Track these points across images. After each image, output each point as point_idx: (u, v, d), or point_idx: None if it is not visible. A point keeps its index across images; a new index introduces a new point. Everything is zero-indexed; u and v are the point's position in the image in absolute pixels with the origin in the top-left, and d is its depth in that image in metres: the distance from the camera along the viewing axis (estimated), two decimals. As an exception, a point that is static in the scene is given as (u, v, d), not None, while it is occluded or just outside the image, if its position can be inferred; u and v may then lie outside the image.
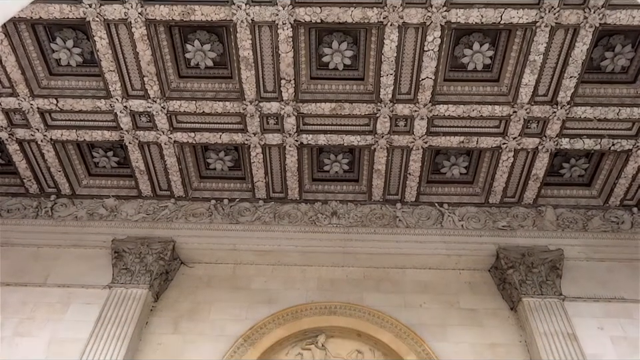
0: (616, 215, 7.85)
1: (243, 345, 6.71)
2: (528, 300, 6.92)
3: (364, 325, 6.98)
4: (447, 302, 7.27)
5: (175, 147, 7.55)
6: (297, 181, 7.91)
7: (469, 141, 7.31)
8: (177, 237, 7.68)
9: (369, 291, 7.40)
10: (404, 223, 7.87)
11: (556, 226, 7.77)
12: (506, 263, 7.31)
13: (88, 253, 7.62)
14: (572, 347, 6.40)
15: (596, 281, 7.26)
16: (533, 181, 7.70)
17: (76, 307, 6.96)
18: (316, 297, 7.32)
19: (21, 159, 7.74)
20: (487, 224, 7.83)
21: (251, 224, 7.89)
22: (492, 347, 6.73)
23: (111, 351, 6.33)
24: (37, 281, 7.27)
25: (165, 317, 7.11)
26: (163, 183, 8.02)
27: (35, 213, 7.97)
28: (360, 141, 7.37)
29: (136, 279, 7.16)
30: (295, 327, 6.96)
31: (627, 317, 6.82)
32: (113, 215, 7.96)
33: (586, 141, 7.23)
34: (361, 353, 6.87)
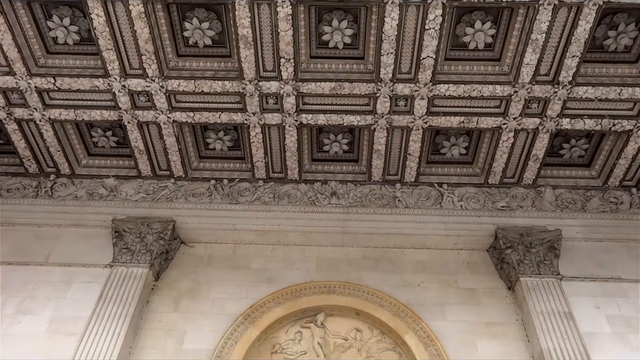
0: (615, 196, 7.86)
1: (243, 323, 6.79)
2: (525, 279, 6.98)
3: (363, 304, 7.05)
4: (445, 281, 7.33)
5: (174, 127, 7.52)
6: (297, 161, 7.90)
7: (469, 121, 7.27)
8: (176, 217, 7.72)
9: (367, 271, 7.46)
10: (403, 203, 7.89)
11: (555, 206, 7.80)
12: (504, 243, 7.35)
13: (88, 233, 7.67)
14: (568, 326, 6.48)
15: (594, 261, 7.32)
16: (532, 161, 7.69)
17: (77, 285, 7.02)
18: (315, 277, 7.38)
19: (19, 138, 7.72)
20: (486, 204, 7.85)
21: (251, 204, 7.91)
22: (489, 325, 6.81)
23: (113, 328, 6.41)
24: (38, 260, 7.32)
25: (166, 295, 7.18)
26: (163, 162, 8.01)
27: (35, 192, 7.99)
28: (360, 120, 7.34)
29: (136, 259, 7.21)
30: (294, 306, 7.03)
31: (623, 296, 6.89)
32: (112, 194, 7.98)
33: (587, 121, 7.20)
34: (360, 331, 6.96)
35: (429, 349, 6.52)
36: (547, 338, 6.37)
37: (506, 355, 6.49)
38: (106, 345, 6.23)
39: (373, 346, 6.82)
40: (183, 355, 6.49)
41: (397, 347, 6.77)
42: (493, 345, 6.59)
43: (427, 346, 6.55)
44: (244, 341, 6.61)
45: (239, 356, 6.47)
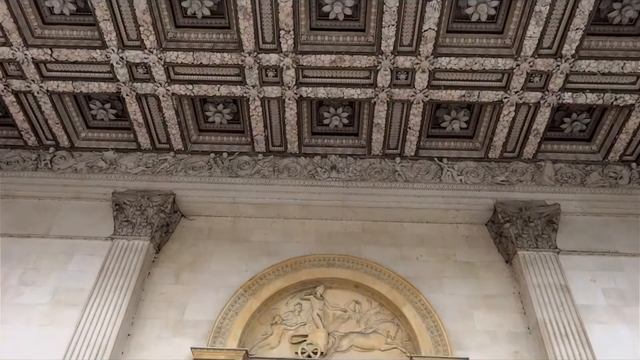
0: (614, 170, 7.87)
1: (243, 295, 6.87)
2: (523, 253, 7.05)
3: (362, 276, 7.13)
4: (443, 255, 7.40)
5: (172, 100, 7.47)
6: (297, 134, 7.87)
7: (470, 94, 7.22)
8: (176, 190, 7.73)
9: (367, 244, 7.52)
10: (403, 177, 7.90)
11: (554, 181, 7.81)
12: (503, 217, 7.40)
13: (89, 205, 7.70)
14: (564, 298, 6.57)
15: (591, 235, 7.38)
16: (533, 135, 7.67)
17: (79, 257, 7.09)
18: (315, 250, 7.44)
19: (17, 110, 7.67)
20: (485, 178, 7.86)
21: (251, 177, 7.92)
22: (486, 298, 6.91)
23: (115, 299, 6.49)
24: (39, 232, 7.37)
25: (167, 268, 7.25)
26: (162, 136, 7.98)
27: (35, 165, 7.99)
28: (360, 94, 7.28)
29: (137, 231, 7.26)
30: (294, 278, 7.11)
31: (619, 269, 6.97)
32: (112, 167, 7.98)
33: (589, 95, 7.14)
34: (359, 304, 7.05)
35: (426, 321, 6.62)
36: (543, 310, 6.46)
37: (502, 326, 6.60)
38: (109, 316, 6.33)
39: (372, 317, 6.92)
40: (185, 325, 6.59)
41: (395, 319, 6.88)
42: (490, 317, 6.69)
43: (425, 318, 6.65)
44: (244, 312, 6.71)
45: (239, 327, 6.57)
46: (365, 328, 6.80)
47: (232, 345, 6.37)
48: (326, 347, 6.55)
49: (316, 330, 6.68)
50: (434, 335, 6.49)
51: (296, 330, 6.78)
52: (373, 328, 6.80)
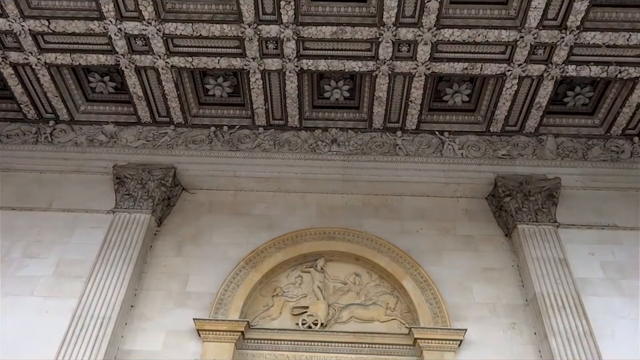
0: (616, 144, 7.84)
1: (244, 268, 6.94)
2: (523, 227, 7.08)
3: (362, 249, 7.19)
4: (443, 228, 7.44)
5: (172, 72, 7.39)
6: (297, 107, 7.82)
7: (473, 67, 7.13)
8: (177, 164, 7.73)
9: (367, 218, 7.56)
10: (404, 151, 7.88)
11: (556, 155, 7.79)
12: (503, 191, 7.40)
13: (90, 179, 7.72)
14: (562, 271, 6.63)
15: (591, 209, 7.40)
16: (535, 109, 7.61)
17: (81, 230, 7.15)
18: (315, 223, 7.48)
19: (16, 83, 7.61)
20: (486, 152, 7.84)
21: (251, 151, 7.90)
22: (485, 271, 6.97)
23: (118, 271, 6.57)
24: (41, 205, 7.41)
25: (169, 241, 7.31)
26: (162, 109, 7.93)
27: (35, 138, 7.97)
28: (361, 66, 7.19)
29: (139, 205, 7.29)
30: (295, 251, 7.18)
31: (617, 243, 7.02)
32: (112, 141, 7.96)
33: (593, 68, 7.05)
34: (359, 276, 7.13)
35: (425, 293, 6.70)
36: (541, 283, 6.53)
37: (500, 298, 6.68)
38: (112, 287, 6.42)
39: (372, 290, 7.00)
40: (187, 297, 6.69)
41: (395, 291, 6.96)
42: (488, 290, 6.77)
43: (424, 290, 6.73)
44: (246, 285, 6.79)
45: (241, 298, 6.66)
46: (364, 300, 6.89)
47: (234, 316, 6.47)
48: (326, 318, 6.65)
49: (316, 302, 6.77)
50: (433, 306, 6.57)
51: (297, 302, 6.87)
52: (373, 300, 6.89)
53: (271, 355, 6.36)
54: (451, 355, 6.17)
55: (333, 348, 6.36)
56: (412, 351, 6.34)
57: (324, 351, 6.36)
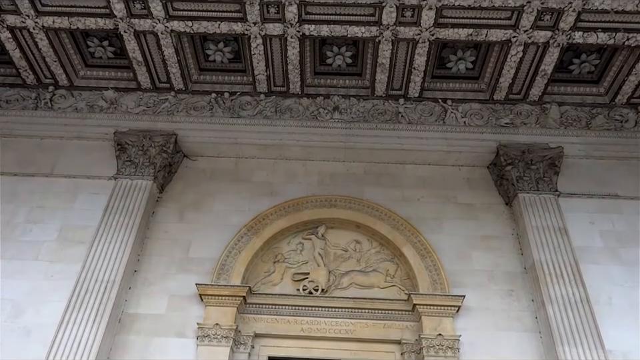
0: (621, 113, 7.77)
1: (246, 234, 7.00)
2: (524, 195, 7.10)
3: (363, 217, 7.23)
4: (444, 197, 7.46)
5: (172, 37, 7.27)
6: (299, 74, 7.72)
7: (478, 33, 7.00)
8: (178, 130, 7.70)
9: (368, 185, 7.57)
10: (406, 119, 7.82)
11: (559, 123, 7.73)
12: (505, 160, 7.38)
13: (91, 145, 7.71)
14: (561, 240, 6.67)
15: (592, 178, 7.39)
16: (540, 77, 7.50)
17: (84, 196, 7.19)
18: (317, 191, 7.50)
19: (14, 47, 7.51)
20: (489, 121, 7.78)
21: (253, 118, 7.85)
22: (485, 238, 7.02)
23: (121, 237, 6.63)
24: (43, 171, 7.43)
25: (171, 207, 7.35)
26: (162, 75, 7.84)
27: (34, 104, 7.92)
28: (364, 32, 7.06)
29: (140, 171, 7.30)
30: (296, 218, 7.22)
31: (617, 212, 7.04)
32: (113, 107, 7.91)
33: (600, 34, 6.91)
34: (359, 243, 7.19)
35: (425, 260, 6.77)
36: (540, 251, 6.58)
37: (499, 266, 6.75)
38: (115, 252, 6.49)
39: (372, 257, 7.08)
40: (190, 262, 6.77)
41: (395, 258, 7.03)
42: (487, 257, 6.83)
43: (424, 257, 6.79)
44: (248, 251, 6.86)
45: (242, 264, 6.74)
46: (365, 266, 6.97)
47: (235, 281, 6.57)
48: (327, 284, 6.74)
49: (317, 268, 6.86)
50: (432, 273, 6.65)
51: (298, 268, 6.96)
52: (373, 267, 6.97)
53: (272, 320, 6.48)
54: (449, 321, 6.27)
55: (333, 313, 6.47)
56: (411, 316, 6.45)
57: (324, 316, 6.47)
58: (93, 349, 5.74)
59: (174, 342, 6.13)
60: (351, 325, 6.42)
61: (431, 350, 6.01)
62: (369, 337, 6.36)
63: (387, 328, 6.42)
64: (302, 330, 6.39)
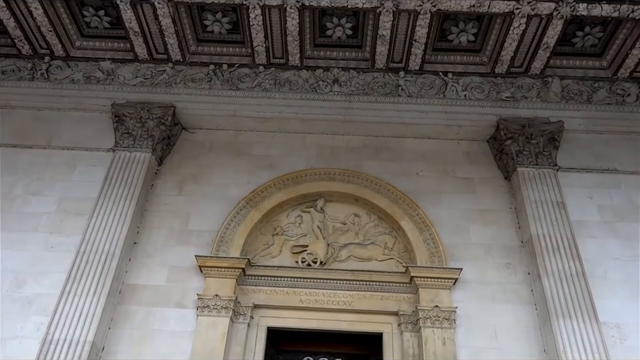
0: (623, 88, 7.70)
1: (245, 207, 7.02)
2: (523, 170, 7.09)
3: (361, 190, 7.24)
4: (443, 170, 7.46)
5: (169, 7, 7.12)
6: (298, 46, 7.61)
7: (481, 4, 6.86)
8: (176, 102, 7.64)
9: (367, 159, 7.56)
10: (406, 92, 7.75)
11: (560, 97, 7.68)
12: (505, 134, 7.36)
13: (88, 117, 7.66)
14: (559, 214, 6.70)
15: (592, 153, 7.38)
16: (542, 50, 7.40)
17: (82, 168, 7.17)
18: (316, 164, 7.49)
19: (8, 16, 7.37)
20: (490, 94, 7.72)
21: (251, 90, 7.78)
22: (483, 212, 7.05)
23: (120, 209, 6.65)
24: (41, 143, 7.40)
25: (170, 180, 7.35)
26: (159, 46, 7.73)
27: (31, 75, 7.83)
28: (365, 3, 6.92)
29: (138, 143, 7.27)
30: (295, 192, 7.23)
31: (616, 187, 7.05)
32: (110, 78, 7.82)
33: (604, 6, 6.79)
34: (358, 217, 7.22)
35: (423, 234, 6.81)
36: (538, 225, 6.61)
37: (496, 239, 6.80)
38: (114, 224, 6.51)
39: (370, 230, 7.12)
40: (189, 234, 6.80)
41: (393, 232, 7.07)
42: (485, 231, 6.87)
43: (422, 230, 6.83)
44: (246, 223, 6.90)
45: (241, 237, 6.78)
46: (363, 239, 7.02)
47: (235, 253, 6.61)
48: (325, 256, 6.80)
49: (316, 241, 6.90)
50: (430, 246, 6.70)
51: (296, 240, 7.00)
52: (371, 240, 7.02)
53: (271, 291, 6.55)
54: (445, 293, 6.35)
55: (332, 285, 6.54)
56: (408, 289, 6.53)
57: (323, 287, 6.54)
58: (94, 319, 5.82)
59: (174, 312, 6.21)
60: (349, 297, 6.50)
61: (427, 321, 6.10)
62: (366, 308, 6.45)
63: (384, 299, 6.50)
64: (301, 301, 6.47)
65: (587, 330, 5.79)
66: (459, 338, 6.06)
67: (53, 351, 5.60)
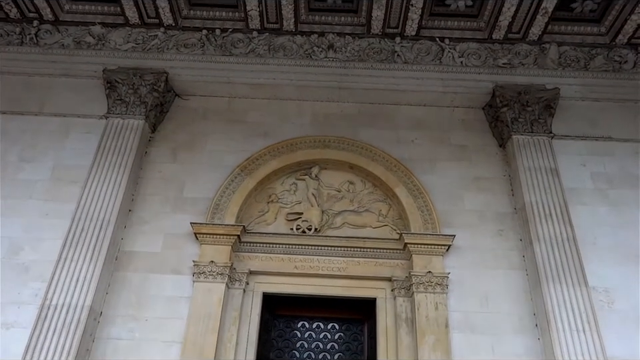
0: (620, 54, 7.63)
1: (240, 175, 7.02)
2: (517, 137, 7.09)
3: (356, 158, 7.24)
4: (438, 138, 7.44)
5: (159, -31, 6.95)
6: (293, 10, 7.45)
7: (479, -32, 6.74)
8: (169, 69, 7.52)
9: (362, 127, 7.52)
10: (402, 59, 7.66)
11: (557, 64, 7.61)
12: (501, 101, 7.32)
13: (80, 83, 7.54)
14: (552, 181, 6.74)
15: (587, 120, 7.37)
16: (541, 15, 7.28)
17: (75, 135, 7.11)
18: (310, 131, 7.46)
19: (-6, -22, 7.18)
20: (487, 61, 7.64)
21: (245, 56, 7.66)
22: (476, 180, 7.08)
23: (114, 177, 6.63)
24: (32, 109, 7.31)
25: (163, 147, 7.31)
26: (151, 9, 7.54)
27: (19, 39, 7.66)
28: (361, -35, 6.78)
29: (131, 110, 7.20)
30: (289, 159, 7.22)
31: (610, 154, 7.07)
32: (101, 43, 7.67)
33: (605, -30, 6.68)
34: (352, 184, 7.24)
35: (417, 201, 6.85)
36: (531, 192, 6.66)
37: (490, 206, 6.86)
38: (109, 191, 6.51)
39: (365, 197, 7.15)
40: (184, 202, 6.82)
41: (388, 199, 7.11)
42: (479, 198, 6.92)
43: (416, 198, 6.87)
44: (241, 191, 6.91)
45: (236, 204, 6.80)
46: (357, 207, 7.06)
47: (230, 220, 6.65)
48: (320, 223, 6.85)
49: (310, 208, 6.94)
50: (424, 214, 6.75)
51: (291, 208, 7.03)
52: (366, 207, 7.06)
53: (266, 258, 6.62)
54: (438, 259, 6.44)
55: (326, 251, 6.61)
56: (402, 255, 6.61)
57: (317, 254, 6.61)
58: (91, 285, 5.89)
59: (170, 278, 6.28)
60: (343, 263, 6.58)
61: (420, 286, 6.21)
62: (360, 274, 6.54)
63: (378, 266, 6.59)
64: (295, 267, 6.55)
65: (576, 294, 5.91)
66: (451, 302, 6.18)
67: (52, 316, 5.67)
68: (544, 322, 5.86)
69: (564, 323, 5.73)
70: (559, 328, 5.71)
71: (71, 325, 5.62)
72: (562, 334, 5.67)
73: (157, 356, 5.81)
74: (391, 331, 6.22)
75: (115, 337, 5.92)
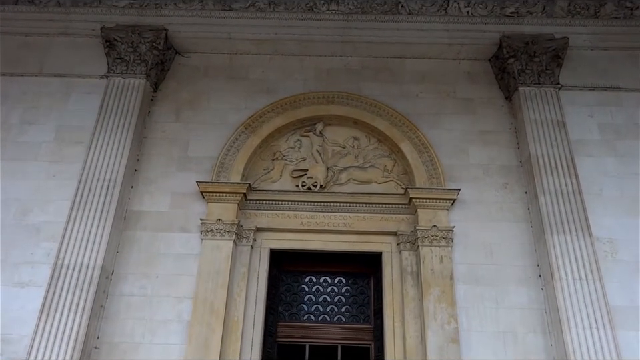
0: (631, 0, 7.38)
1: (244, 132, 6.99)
2: (524, 89, 6.98)
3: (360, 113, 7.17)
4: (443, 91, 7.34)
5: None
6: (293, -39, 7.22)
7: None
8: (168, 25, 7.37)
9: (366, 81, 7.42)
10: (406, 10, 7.45)
11: (566, 12, 7.38)
12: (508, 52, 7.16)
13: (78, 42, 7.42)
14: (559, 133, 6.67)
15: (595, 70, 7.23)
16: (550, -40, 7.04)
17: (77, 96, 7.05)
18: (314, 87, 7.36)
19: None
20: (494, 10, 7.42)
21: (245, 11, 7.46)
22: (482, 133, 7.03)
23: (118, 137, 6.61)
24: (32, 70, 7.22)
25: (166, 106, 7.26)
26: (146, -37, 7.33)
27: (13, -2, 7.50)
28: None
29: (132, 69, 7.10)
30: (293, 116, 7.16)
31: (618, 105, 6.97)
32: (97, 0, 7.47)
33: None
34: (357, 140, 7.21)
35: (422, 156, 6.83)
36: (537, 145, 6.61)
37: (495, 160, 6.83)
38: (114, 152, 6.51)
39: (370, 153, 7.13)
40: (189, 161, 6.83)
41: (392, 154, 7.09)
42: (484, 152, 6.89)
43: (421, 152, 6.85)
44: (246, 149, 6.90)
45: (241, 162, 6.81)
46: (362, 162, 7.05)
47: (235, 179, 6.67)
48: (325, 180, 6.86)
49: (315, 165, 6.94)
50: (429, 168, 6.75)
51: (296, 165, 7.03)
52: (371, 162, 7.05)
53: (272, 215, 6.68)
54: (443, 213, 6.48)
55: (332, 207, 6.65)
56: (407, 210, 6.65)
57: (323, 210, 6.66)
58: (102, 244, 5.98)
59: (179, 236, 6.37)
60: (349, 219, 6.63)
61: (425, 240, 6.28)
62: (366, 229, 6.60)
63: (383, 221, 6.64)
64: (302, 224, 6.61)
65: (579, 244, 5.96)
66: (455, 255, 6.27)
67: (65, 275, 5.79)
68: (547, 272, 5.95)
69: (567, 272, 5.81)
70: (562, 277, 5.79)
71: (84, 283, 5.75)
72: (565, 283, 5.76)
73: (169, 310, 5.98)
74: (396, 284, 6.34)
75: (127, 294, 6.07)
